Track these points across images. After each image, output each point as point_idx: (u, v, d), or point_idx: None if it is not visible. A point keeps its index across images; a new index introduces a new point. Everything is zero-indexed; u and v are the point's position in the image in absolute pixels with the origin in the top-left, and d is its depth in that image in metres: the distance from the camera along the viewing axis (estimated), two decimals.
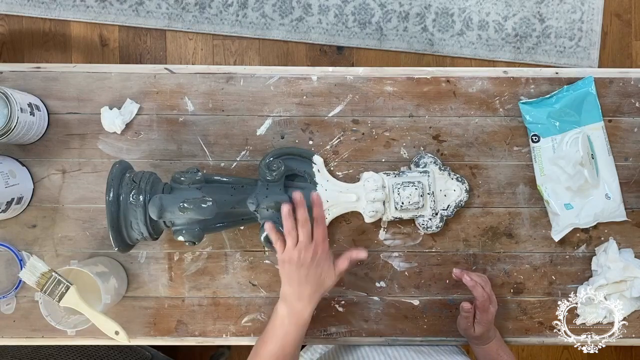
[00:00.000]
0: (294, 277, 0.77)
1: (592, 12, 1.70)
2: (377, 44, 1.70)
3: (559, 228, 0.91)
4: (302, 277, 0.77)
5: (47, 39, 1.70)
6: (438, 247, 0.93)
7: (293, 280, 0.77)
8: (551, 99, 0.91)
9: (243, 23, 1.69)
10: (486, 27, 1.70)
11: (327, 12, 1.69)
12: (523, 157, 0.93)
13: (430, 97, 0.92)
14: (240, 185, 0.86)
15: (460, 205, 0.91)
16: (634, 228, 0.93)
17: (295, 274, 0.77)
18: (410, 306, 0.93)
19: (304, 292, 0.77)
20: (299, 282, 0.77)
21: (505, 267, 0.93)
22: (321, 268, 0.78)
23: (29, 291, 0.91)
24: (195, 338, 0.93)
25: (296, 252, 0.76)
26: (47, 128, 0.91)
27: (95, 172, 0.91)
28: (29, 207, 0.91)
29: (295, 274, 0.77)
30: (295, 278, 0.77)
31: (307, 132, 0.92)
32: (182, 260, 0.92)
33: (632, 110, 0.93)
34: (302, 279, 0.77)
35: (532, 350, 1.76)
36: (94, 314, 0.81)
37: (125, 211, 0.77)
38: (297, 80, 0.92)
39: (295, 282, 0.77)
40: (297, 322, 0.77)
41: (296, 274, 0.77)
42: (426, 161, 0.90)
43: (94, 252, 0.92)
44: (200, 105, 0.92)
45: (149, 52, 1.71)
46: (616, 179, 0.91)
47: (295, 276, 0.77)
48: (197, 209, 0.76)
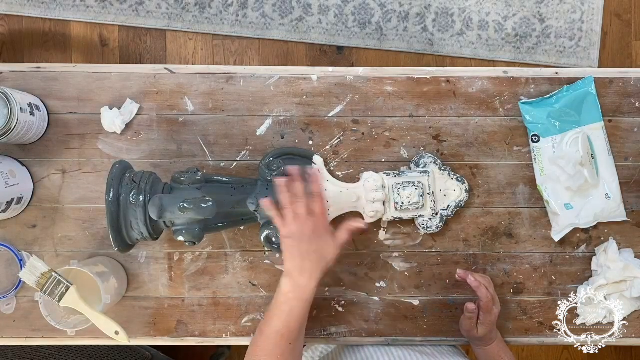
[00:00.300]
0: (295, 252, 0.77)
1: (592, 12, 1.70)
2: (377, 44, 1.70)
3: (559, 228, 0.91)
4: (304, 251, 0.76)
5: (47, 39, 1.70)
6: (438, 247, 0.93)
7: (294, 255, 0.77)
8: (551, 99, 0.91)
9: (243, 23, 1.69)
10: (486, 27, 1.70)
11: (327, 12, 1.69)
12: (523, 157, 0.93)
13: (430, 97, 0.92)
14: (240, 185, 0.86)
15: (460, 205, 0.91)
16: (634, 228, 0.93)
17: (296, 249, 0.76)
18: (410, 306, 0.93)
19: (306, 266, 0.76)
20: (300, 257, 0.76)
21: (505, 267, 0.93)
22: (323, 241, 0.77)
23: (29, 291, 0.91)
24: (195, 338, 0.93)
25: (294, 226, 0.76)
26: (47, 128, 0.91)
27: (95, 172, 0.91)
28: (29, 207, 0.91)
29: (297, 249, 0.76)
30: (297, 253, 0.76)
31: (307, 132, 0.92)
32: (182, 260, 0.92)
33: (632, 110, 0.93)
34: (304, 253, 0.76)
35: (532, 350, 1.76)
36: (94, 314, 0.81)
37: (125, 211, 0.77)
38: (297, 80, 0.92)
39: (297, 257, 0.76)
40: (302, 297, 0.76)
41: (297, 248, 0.76)
42: (426, 161, 0.90)
43: (94, 252, 0.92)
44: (200, 105, 0.92)
45: (149, 52, 1.71)
46: (616, 179, 0.91)
47: (296, 251, 0.76)
48: (197, 209, 0.76)
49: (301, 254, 0.76)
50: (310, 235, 0.76)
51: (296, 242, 0.76)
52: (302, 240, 0.76)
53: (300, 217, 0.76)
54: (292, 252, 0.77)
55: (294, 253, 0.77)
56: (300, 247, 0.76)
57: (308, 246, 0.76)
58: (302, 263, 0.76)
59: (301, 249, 0.76)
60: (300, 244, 0.76)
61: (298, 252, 0.76)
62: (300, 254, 0.76)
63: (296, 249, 0.76)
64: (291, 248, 0.77)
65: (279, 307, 0.76)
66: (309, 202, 0.77)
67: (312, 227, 0.76)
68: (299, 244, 0.76)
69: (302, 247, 0.76)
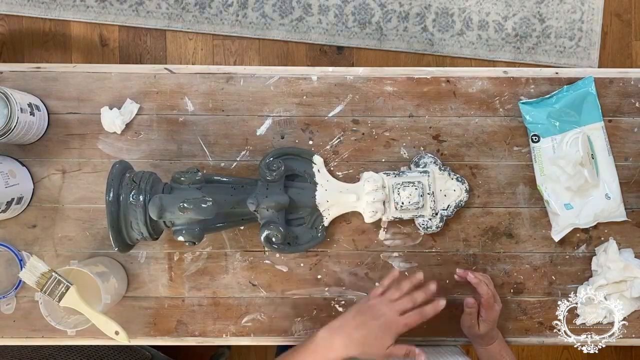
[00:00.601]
0: (354, 319, 0.74)
1: (592, 12, 1.70)
2: (377, 44, 1.70)
3: (559, 228, 0.91)
4: (359, 324, 0.74)
5: (47, 39, 1.70)
6: (438, 247, 0.93)
7: (349, 320, 0.75)
8: (551, 99, 0.91)
9: (243, 23, 1.69)
10: (486, 27, 1.70)
11: (327, 12, 1.69)
12: (523, 157, 0.93)
13: (430, 97, 0.92)
14: (240, 185, 0.86)
15: (460, 205, 0.91)
16: (634, 228, 0.93)
17: (357, 318, 0.74)
18: None
19: (349, 338, 0.73)
20: (353, 326, 0.74)
21: (505, 267, 0.93)
22: (380, 337, 0.73)
23: (29, 291, 0.91)
24: (195, 338, 0.93)
25: (385, 306, 0.74)
26: (47, 128, 0.91)
27: (95, 172, 0.91)
28: (29, 207, 0.91)
29: (358, 318, 0.74)
30: (353, 321, 0.74)
31: (307, 132, 0.92)
32: (182, 260, 0.92)
33: (632, 110, 0.93)
34: (359, 326, 0.74)
35: (532, 350, 1.76)
36: (94, 314, 0.81)
37: (125, 211, 0.77)
38: (297, 80, 0.92)
39: (351, 324, 0.74)
40: (323, 357, 0.74)
41: (359, 318, 0.74)
42: (426, 161, 0.90)
43: (94, 252, 0.92)
44: (200, 105, 0.92)
45: (149, 52, 1.71)
46: (616, 179, 0.91)
47: (355, 319, 0.74)
48: (197, 209, 0.76)
49: (356, 325, 0.74)
50: (382, 325, 0.73)
51: (368, 315, 0.74)
52: (374, 318, 0.74)
53: (396, 305, 0.75)
54: (353, 316, 0.75)
55: (352, 319, 0.74)
56: (361, 320, 0.74)
57: (370, 329, 0.73)
58: (347, 331, 0.74)
59: (359, 321, 0.74)
60: (370, 320, 0.74)
61: (354, 322, 0.74)
62: (356, 324, 0.74)
63: (357, 318, 0.74)
64: (356, 312, 0.75)
65: (305, 354, 0.74)
66: (416, 308, 0.75)
67: (391, 323, 0.74)
68: (369, 318, 0.74)
69: (368, 323, 0.74)
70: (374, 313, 0.74)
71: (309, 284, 0.92)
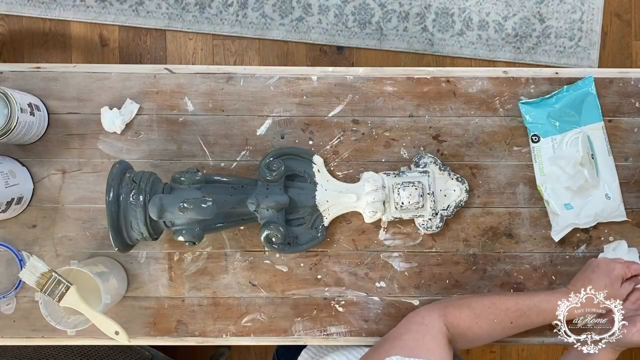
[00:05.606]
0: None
1: (592, 12, 1.70)
2: (377, 44, 1.70)
3: (559, 228, 0.91)
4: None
5: (47, 39, 1.70)
6: (438, 247, 0.93)
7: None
8: (551, 99, 0.91)
9: (243, 23, 1.69)
10: (486, 27, 1.70)
11: (327, 12, 1.69)
12: (523, 157, 0.93)
13: (430, 97, 0.92)
14: (240, 185, 0.86)
15: (460, 205, 0.91)
16: (634, 228, 0.93)
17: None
18: (410, 306, 0.93)
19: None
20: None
21: (505, 267, 0.93)
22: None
23: (29, 291, 0.91)
24: (195, 338, 0.93)
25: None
26: (47, 128, 0.91)
27: (95, 172, 0.91)
28: (29, 207, 0.91)
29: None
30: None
31: (307, 132, 0.92)
32: (182, 260, 0.92)
33: (632, 110, 0.93)
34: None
35: (532, 350, 1.76)
36: (94, 314, 0.81)
37: (125, 211, 0.77)
38: (297, 80, 0.92)
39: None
40: (544, 318, 0.83)
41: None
42: (426, 161, 0.90)
43: (94, 252, 0.92)
44: (200, 105, 0.92)
45: (149, 52, 1.71)
46: (616, 179, 0.91)
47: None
48: (197, 209, 0.76)
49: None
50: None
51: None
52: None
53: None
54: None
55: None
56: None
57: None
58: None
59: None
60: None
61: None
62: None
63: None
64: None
65: (539, 299, 0.82)
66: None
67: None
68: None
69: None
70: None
71: (309, 284, 0.92)
